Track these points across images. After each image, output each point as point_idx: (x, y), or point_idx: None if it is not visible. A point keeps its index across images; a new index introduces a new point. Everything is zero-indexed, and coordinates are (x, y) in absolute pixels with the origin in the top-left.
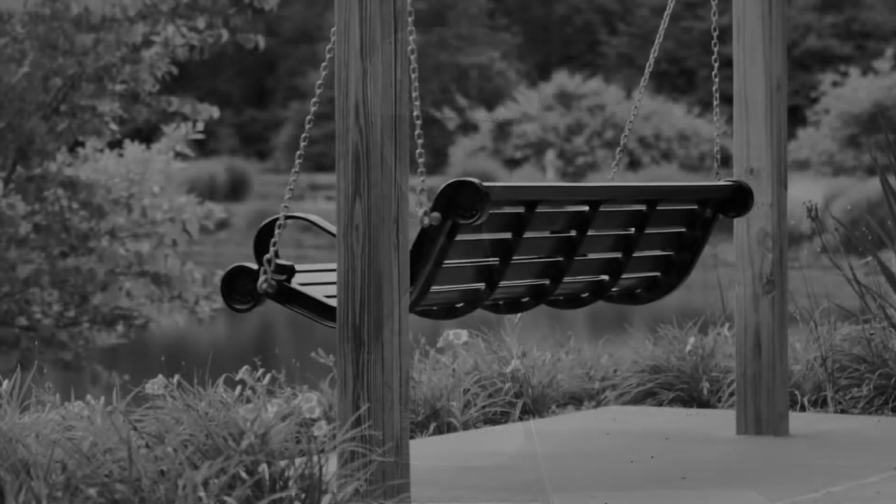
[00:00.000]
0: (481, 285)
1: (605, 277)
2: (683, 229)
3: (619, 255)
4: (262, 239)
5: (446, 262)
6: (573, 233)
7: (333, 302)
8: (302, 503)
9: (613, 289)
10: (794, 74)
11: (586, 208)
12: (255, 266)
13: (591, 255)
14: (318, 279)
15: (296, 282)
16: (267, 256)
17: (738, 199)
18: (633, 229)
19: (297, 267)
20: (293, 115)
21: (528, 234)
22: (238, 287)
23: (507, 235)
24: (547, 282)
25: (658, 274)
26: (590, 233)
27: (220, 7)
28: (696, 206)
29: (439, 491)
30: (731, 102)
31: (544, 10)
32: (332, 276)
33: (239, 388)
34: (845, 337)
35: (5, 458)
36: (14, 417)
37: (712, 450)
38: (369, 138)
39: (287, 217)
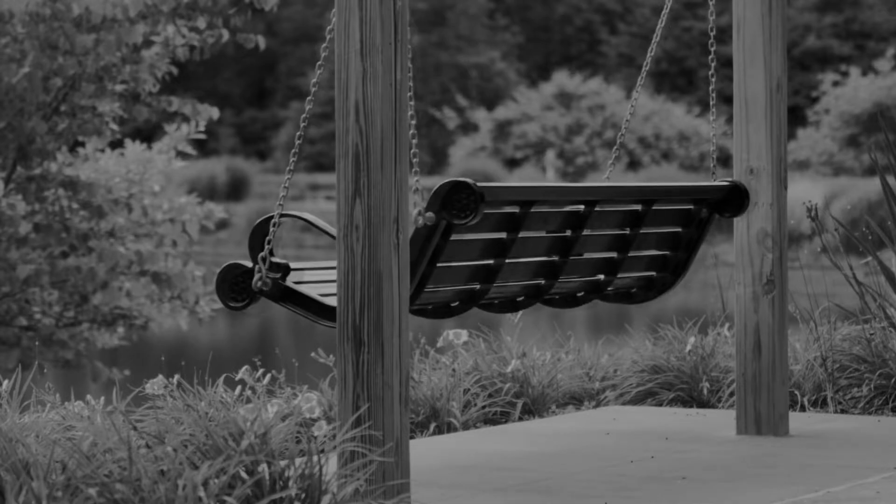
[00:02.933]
0: (476, 285)
1: (601, 277)
2: (679, 229)
3: (614, 254)
4: (258, 237)
5: (441, 262)
6: (568, 232)
7: (329, 301)
8: (302, 503)
9: (609, 288)
10: (794, 74)
11: (582, 208)
12: (250, 264)
13: (587, 255)
14: (316, 277)
15: (292, 280)
16: (262, 254)
17: (733, 200)
18: (628, 229)
19: (295, 265)
20: (293, 115)
21: (523, 234)
22: (233, 284)
23: (503, 235)
24: (542, 281)
25: (654, 273)
26: (585, 232)
27: (220, 7)
28: (691, 206)
29: (439, 491)
30: (730, 102)
31: (544, 10)
32: (330, 275)
33: (239, 388)
34: (845, 337)
35: (5, 458)
36: (14, 417)
37: (712, 450)
38: (369, 138)
39: (282, 215)
